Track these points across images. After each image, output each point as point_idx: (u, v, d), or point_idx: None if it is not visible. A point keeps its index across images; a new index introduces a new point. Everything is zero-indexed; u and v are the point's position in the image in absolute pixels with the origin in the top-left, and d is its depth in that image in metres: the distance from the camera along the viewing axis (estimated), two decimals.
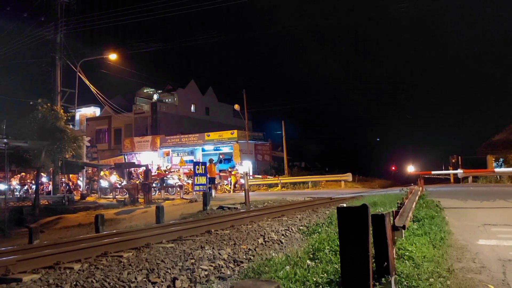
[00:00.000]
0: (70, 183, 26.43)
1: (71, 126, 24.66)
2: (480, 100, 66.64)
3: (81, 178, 26.39)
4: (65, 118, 21.34)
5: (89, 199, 22.63)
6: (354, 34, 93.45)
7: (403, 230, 5.12)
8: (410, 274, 4.10)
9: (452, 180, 25.45)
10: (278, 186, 27.53)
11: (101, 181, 25.39)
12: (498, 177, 21.82)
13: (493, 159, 25.13)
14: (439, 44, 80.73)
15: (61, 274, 5.38)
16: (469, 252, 5.61)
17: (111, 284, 4.89)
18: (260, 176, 30.80)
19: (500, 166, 23.81)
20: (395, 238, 4.69)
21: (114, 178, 25.72)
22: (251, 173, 31.05)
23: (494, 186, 19.51)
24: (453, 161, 28.16)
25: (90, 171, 27.81)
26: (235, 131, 33.79)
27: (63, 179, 24.94)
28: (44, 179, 25.35)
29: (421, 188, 15.16)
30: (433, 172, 23.22)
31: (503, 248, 5.75)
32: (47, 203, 19.89)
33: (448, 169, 26.85)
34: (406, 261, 4.66)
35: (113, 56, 27.77)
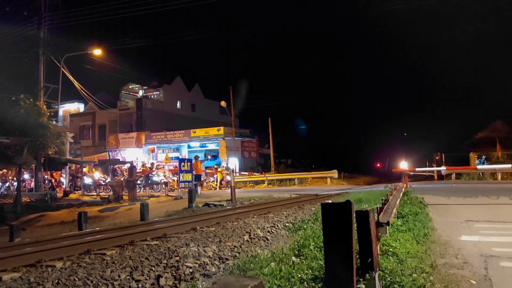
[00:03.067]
0: (53, 180, 26.00)
1: (54, 122, 24.29)
2: (464, 98, 67.69)
3: (64, 175, 25.99)
4: (48, 114, 21.00)
5: (72, 196, 22.29)
6: (341, 32, 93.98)
7: (387, 226, 5.13)
8: (394, 270, 4.13)
9: (435, 177, 25.81)
10: (264, 183, 27.54)
11: (85, 178, 25.04)
12: (481, 174, 22.19)
13: (476, 156, 25.54)
14: (427, 43, 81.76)
15: (42, 272, 5.29)
16: (452, 248, 5.68)
17: (94, 282, 4.81)
18: (246, 173, 30.78)
19: (483, 163, 24.21)
20: (379, 234, 4.71)
21: (98, 175, 25.40)
22: (237, 170, 31.01)
23: (476, 183, 19.81)
24: (437, 158, 28.59)
25: (73, 168, 27.41)
26: (222, 127, 33.68)
27: (46, 176, 24.52)
28: (26, 176, 24.91)
29: (405, 185, 15.32)
30: (417, 169, 23.49)
31: (485, 244, 5.84)
32: (29, 200, 19.55)
33: (432, 166, 27.23)
34: (390, 257, 4.69)
35: (97, 52, 27.36)
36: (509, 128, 28.63)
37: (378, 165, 53.37)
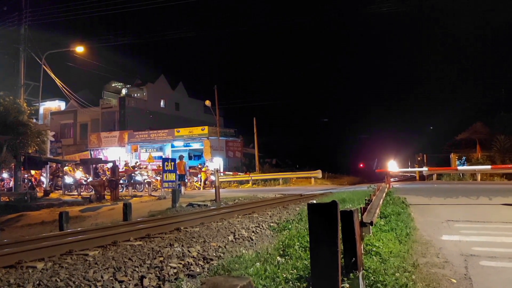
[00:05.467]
0: (33, 179, 25.50)
1: (34, 120, 23.83)
2: (445, 100, 68.93)
3: (44, 174, 25.50)
4: (29, 111, 20.63)
5: (52, 195, 21.90)
6: (325, 30, 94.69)
7: (370, 226, 5.18)
8: (377, 269, 4.18)
9: (417, 178, 26.21)
10: (249, 183, 27.55)
11: (66, 177, 24.62)
12: (461, 174, 22.61)
13: (456, 157, 26.02)
14: (412, 42, 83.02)
15: (23, 274, 5.18)
16: (433, 248, 5.78)
17: (76, 283, 4.74)
18: (231, 173, 30.74)
19: (463, 164, 24.67)
20: (363, 234, 4.75)
21: (79, 174, 25.01)
22: (222, 170, 30.92)
23: (457, 183, 20.18)
24: (419, 159, 29.04)
25: (53, 167, 26.93)
26: (206, 127, 33.54)
27: (26, 175, 24.03)
28: (5, 175, 24.35)
29: (388, 185, 15.52)
30: (399, 170, 23.81)
31: (465, 243, 5.95)
32: (8, 200, 19.12)
33: (414, 167, 27.65)
34: (374, 256, 4.75)
35: (80, 49, 26.95)
36: (489, 129, 29.27)
37: (361, 165, 54.00)
